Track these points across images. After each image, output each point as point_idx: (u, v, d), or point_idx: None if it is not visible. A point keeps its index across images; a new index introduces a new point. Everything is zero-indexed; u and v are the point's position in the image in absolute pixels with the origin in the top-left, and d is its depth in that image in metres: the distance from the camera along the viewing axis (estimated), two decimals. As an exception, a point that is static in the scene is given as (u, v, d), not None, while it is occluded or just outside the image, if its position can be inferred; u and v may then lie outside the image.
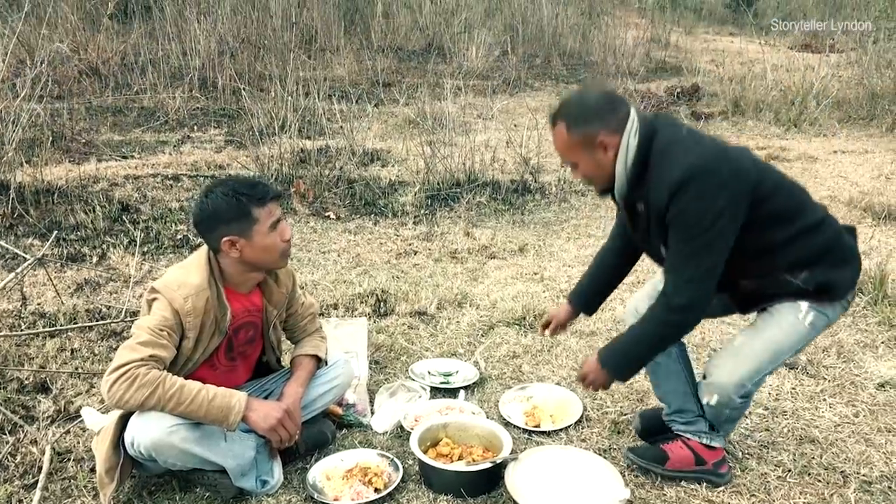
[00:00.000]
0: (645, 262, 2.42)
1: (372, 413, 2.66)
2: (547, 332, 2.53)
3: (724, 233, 1.88)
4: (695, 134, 1.98)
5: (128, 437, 2.00)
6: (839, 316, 2.09)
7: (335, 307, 3.54)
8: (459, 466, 2.21)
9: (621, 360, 2.08)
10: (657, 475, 2.26)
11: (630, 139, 1.93)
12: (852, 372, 2.95)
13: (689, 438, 2.25)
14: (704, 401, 2.13)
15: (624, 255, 2.38)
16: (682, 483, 2.24)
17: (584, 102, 2.00)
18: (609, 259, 2.41)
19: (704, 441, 2.23)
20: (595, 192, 2.14)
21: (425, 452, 2.28)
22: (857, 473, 2.30)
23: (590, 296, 2.45)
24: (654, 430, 2.39)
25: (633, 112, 1.97)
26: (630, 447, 2.35)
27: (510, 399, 2.73)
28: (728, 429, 2.26)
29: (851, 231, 2.10)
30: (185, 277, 2.10)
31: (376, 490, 2.18)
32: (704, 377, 2.12)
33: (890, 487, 2.24)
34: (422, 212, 5.01)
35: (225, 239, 2.10)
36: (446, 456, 2.30)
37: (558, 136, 2.00)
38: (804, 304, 2.00)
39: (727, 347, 2.10)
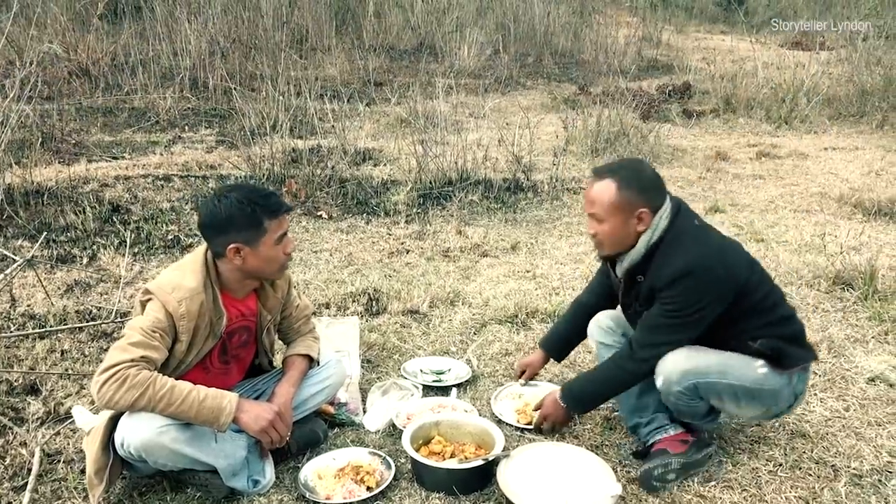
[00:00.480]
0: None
1: (364, 412, 2.65)
2: (522, 380, 2.76)
3: (702, 319, 2.10)
4: (704, 228, 2.19)
5: (118, 437, 1.99)
6: (786, 402, 2.22)
7: (327, 306, 3.53)
8: (451, 464, 2.21)
9: (581, 396, 2.31)
10: (679, 472, 2.21)
11: (661, 221, 2.13)
12: (843, 367, 2.96)
13: (666, 434, 2.29)
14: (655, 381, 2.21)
15: (597, 312, 2.55)
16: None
17: (643, 173, 2.17)
18: (583, 314, 2.59)
19: (672, 432, 2.29)
20: (598, 255, 2.31)
21: (417, 450, 2.28)
22: (848, 467, 2.31)
23: (561, 344, 2.69)
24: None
25: (667, 198, 2.17)
26: (644, 472, 2.21)
27: (502, 397, 2.74)
28: (689, 424, 2.29)
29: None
30: (180, 280, 2.09)
31: (368, 489, 2.17)
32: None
33: (880, 481, 2.25)
34: (414, 210, 5.01)
35: (231, 246, 2.09)
36: (438, 454, 2.30)
37: (603, 190, 2.13)
38: (760, 359, 2.16)
39: (688, 346, 2.18)
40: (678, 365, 2.13)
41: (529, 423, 2.54)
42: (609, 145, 6.42)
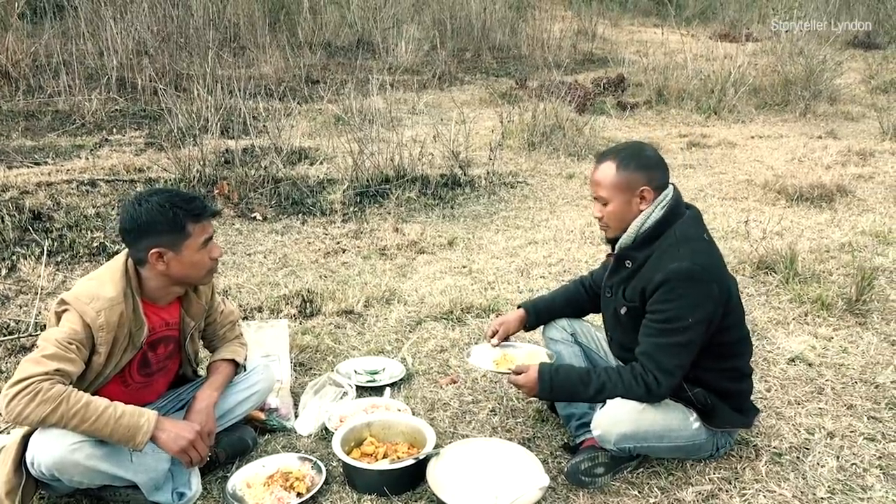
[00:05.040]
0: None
1: (296, 415, 2.61)
2: (495, 340, 2.58)
3: (697, 335, 2.06)
4: (713, 244, 2.19)
5: (28, 456, 1.91)
6: (706, 453, 2.26)
7: (260, 310, 3.47)
8: (381, 465, 2.19)
9: (561, 390, 2.17)
10: (608, 465, 2.22)
11: (657, 209, 2.13)
12: (765, 349, 3.07)
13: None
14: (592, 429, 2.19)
15: (589, 301, 2.55)
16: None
17: (642, 153, 2.17)
18: (575, 295, 2.57)
19: None
20: (605, 238, 2.30)
21: (349, 453, 2.26)
22: (769, 447, 2.39)
23: (543, 310, 2.59)
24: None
25: (672, 189, 2.16)
26: (572, 467, 2.20)
27: (476, 352, 2.56)
28: None
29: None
30: (98, 289, 2.01)
31: (298, 494, 2.14)
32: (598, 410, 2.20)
33: (798, 458, 2.34)
34: (351, 209, 4.96)
35: (153, 251, 2.03)
36: (371, 455, 2.28)
37: (605, 171, 2.16)
38: (694, 412, 2.19)
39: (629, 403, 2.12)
40: (618, 427, 2.10)
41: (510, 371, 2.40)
42: (545, 139, 6.49)
